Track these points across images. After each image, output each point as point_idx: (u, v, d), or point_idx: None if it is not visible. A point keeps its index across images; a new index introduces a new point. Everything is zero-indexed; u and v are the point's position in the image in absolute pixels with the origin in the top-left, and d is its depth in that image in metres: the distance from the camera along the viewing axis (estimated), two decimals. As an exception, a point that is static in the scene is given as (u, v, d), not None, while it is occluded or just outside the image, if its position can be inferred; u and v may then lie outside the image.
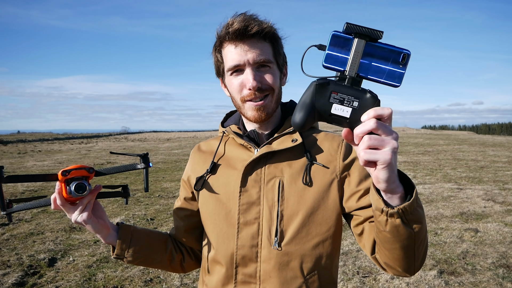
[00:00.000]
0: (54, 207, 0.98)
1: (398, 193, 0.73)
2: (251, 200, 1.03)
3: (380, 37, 0.67)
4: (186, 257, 1.20)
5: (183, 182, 1.20)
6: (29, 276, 3.77)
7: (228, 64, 1.03)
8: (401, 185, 0.74)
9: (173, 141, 32.49)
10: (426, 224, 0.83)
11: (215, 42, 1.07)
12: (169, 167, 12.52)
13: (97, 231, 1.04)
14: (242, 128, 1.13)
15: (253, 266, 1.01)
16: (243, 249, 1.01)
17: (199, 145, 1.22)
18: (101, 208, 1.06)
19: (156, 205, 6.75)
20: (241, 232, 1.02)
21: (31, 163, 14.22)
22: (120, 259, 1.10)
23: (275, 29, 1.04)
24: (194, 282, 3.65)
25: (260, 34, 1.00)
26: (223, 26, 1.01)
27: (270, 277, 0.99)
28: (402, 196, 0.74)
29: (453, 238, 4.85)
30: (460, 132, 61.39)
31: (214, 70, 1.13)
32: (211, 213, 1.08)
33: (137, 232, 1.12)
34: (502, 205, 6.56)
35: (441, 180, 9.27)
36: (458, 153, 16.69)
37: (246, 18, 0.99)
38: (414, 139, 28.17)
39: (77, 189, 0.95)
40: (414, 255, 0.84)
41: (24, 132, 67.16)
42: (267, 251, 1.00)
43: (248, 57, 0.99)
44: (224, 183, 1.07)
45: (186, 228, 1.18)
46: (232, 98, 1.09)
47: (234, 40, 1.00)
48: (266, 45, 1.02)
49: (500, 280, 3.62)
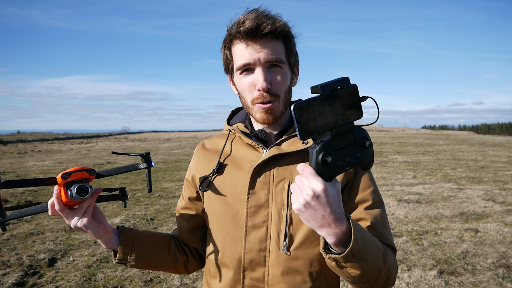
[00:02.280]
0: (52, 213, 0.93)
1: (332, 242, 0.77)
2: (259, 203, 1.00)
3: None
4: (190, 258, 1.17)
5: (187, 181, 1.16)
6: (29, 276, 3.77)
7: (238, 62, 0.99)
8: (334, 236, 0.75)
9: (173, 141, 32.48)
10: (375, 268, 0.84)
11: (224, 38, 1.03)
12: (169, 167, 12.52)
13: (97, 236, 0.99)
14: (249, 127, 1.10)
15: (261, 271, 0.99)
16: (251, 253, 0.99)
17: (203, 143, 1.18)
18: (101, 212, 1.02)
19: (156, 205, 6.74)
20: (249, 236, 1.00)
21: (31, 163, 14.21)
22: (122, 264, 1.06)
23: (289, 27, 1.00)
24: (194, 282, 3.65)
25: (273, 33, 0.95)
26: (234, 23, 0.97)
27: (278, 282, 0.97)
28: (343, 242, 0.77)
29: (453, 238, 4.85)
30: (460, 132, 61.37)
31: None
32: (217, 215, 1.05)
33: (139, 236, 1.08)
34: (502, 205, 6.55)
35: (441, 180, 9.27)
36: (458, 153, 16.68)
37: (258, 16, 0.94)
38: (414, 139, 28.17)
39: (79, 192, 0.90)
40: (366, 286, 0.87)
41: (24, 132, 67.11)
42: (276, 256, 0.98)
43: (260, 56, 0.95)
44: (231, 184, 1.04)
45: (190, 229, 1.15)
46: (240, 97, 1.06)
47: (245, 39, 0.96)
48: (278, 44, 0.98)
49: (500, 280, 3.62)
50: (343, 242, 0.76)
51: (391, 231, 1.08)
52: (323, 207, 0.72)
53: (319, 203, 0.71)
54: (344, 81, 0.70)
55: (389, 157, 15.19)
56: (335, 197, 0.73)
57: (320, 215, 0.73)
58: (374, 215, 0.98)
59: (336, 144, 0.71)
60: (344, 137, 0.71)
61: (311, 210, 0.73)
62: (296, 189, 0.74)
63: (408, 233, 5.06)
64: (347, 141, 0.72)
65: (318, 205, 0.72)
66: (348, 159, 0.72)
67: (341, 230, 0.75)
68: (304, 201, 0.72)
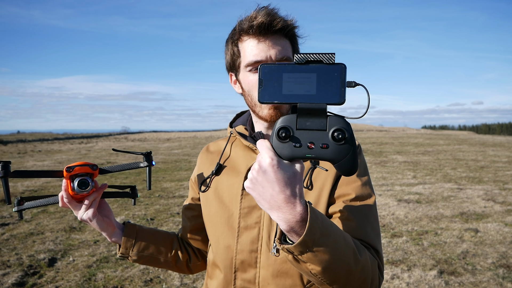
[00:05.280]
0: (62, 204, 1.00)
1: (284, 228, 0.68)
2: (252, 204, 1.00)
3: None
4: (193, 258, 1.19)
5: (191, 182, 1.19)
6: (29, 276, 3.77)
7: (248, 59, 0.97)
8: (286, 222, 0.66)
9: (173, 141, 32.48)
10: (341, 266, 0.73)
11: (232, 34, 1.02)
12: (169, 167, 12.52)
13: (102, 229, 1.05)
14: (249, 129, 1.10)
15: (252, 272, 0.98)
16: (242, 253, 0.99)
17: (208, 145, 1.20)
18: (108, 207, 1.08)
19: (156, 205, 6.74)
20: (241, 236, 1.00)
21: (31, 163, 14.21)
22: (125, 258, 1.11)
23: (297, 27, 1.01)
24: (194, 282, 3.65)
25: (283, 31, 0.96)
26: (246, 19, 0.97)
27: (268, 284, 0.96)
28: (297, 232, 0.68)
29: (453, 238, 4.85)
30: (460, 132, 61.38)
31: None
32: (213, 215, 1.06)
33: (142, 232, 1.12)
34: (502, 205, 6.55)
35: (441, 180, 9.27)
36: (458, 153, 16.68)
37: (270, 13, 0.95)
38: (414, 139, 28.16)
39: (80, 185, 0.96)
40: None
41: (24, 132, 67.13)
42: (266, 257, 0.96)
43: (271, 53, 0.95)
44: (228, 185, 1.05)
45: (192, 229, 1.18)
46: (245, 95, 1.04)
47: (257, 34, 0.96)
48: (287, 43, 0.99)
49: (500, 280, 3.62)
50: (297, 231, 0.67)
51: (380, 233, 0.98)
52: (271, 185, 0.64)
53: (266, 179, 0.64)
54: (327, 56, 0.61)
55: (389, 157, 15.18)
56: (290, 177, 0.65)
57: (268, 194, 0.65)
58: (353, 208, 0.93)
59: (300, 122, 0.63)
60: (314, 119, 0.62)
61: (259, 187, 0.66)
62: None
63: (408, 233, 5.06)
64: (316, 124, 0.62)
65: (266, 181, 0.64)
66: (311, 145, 0.62)
67: (294, 216, 0.66)
68: (251, 175, 0.66)
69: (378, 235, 0.94)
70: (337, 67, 0.61)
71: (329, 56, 0.62)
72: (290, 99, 0.62)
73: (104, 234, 1.07)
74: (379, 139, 28.95)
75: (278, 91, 0.62)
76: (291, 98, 0.62)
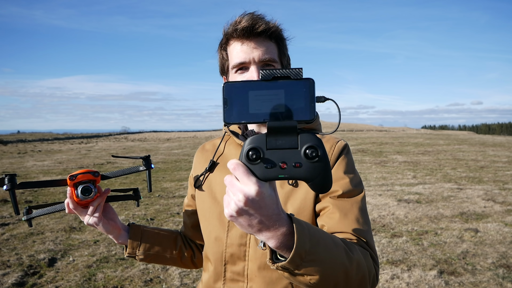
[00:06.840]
0: (68, 211, 1.05)
1: (274, 246, 0.66)
2: None
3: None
4: (196, 253, 1.25)
5: (189, 180, 1.24)
6: (29, 276, 3.77)
7: (234, 61, 1.03)
8: (275, 239, 0.65)
9: (173, 141, 32.48)
10: (337, 268, 0.72)
11: (221, 39, 1.08)
12: (169, 167, 12.52)
13: (108, 232, 1.11)
14: (242, 128, 1.14)
15: (241, 265, 1.03)
16: (232, 247, 1.03)
17: (204, 144, 1.25)
18: (113, 210, 1.13)
19: (156, 205, 6.75)
20: (230, 231, 1.04)
21: (31, 163, 14.21)
22: (132, 258, 1.17)
23: (281, 30, 1.06)
24: (194, 282, 3.65)
25: (266, 33, 1.01)
26: (231, 24, 1.04)
27: (255, 276, 1.00)
28: (287, 245, 0.66)
29: (453, 238, 4.85)
30: (460, 132, 61.34)
31: (217, 69, 1.14)
32: (206, 211, 1.11)
33: (146, 231, 1.18)
34: (502, 205, 6.56)
35: (441, 180, 9.27)
36: (458, 153, 16.69)
37: (253, 17, 1.01)
38: (414, 139, 28.17)
39: (83, 192, 1.01)
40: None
41: (24, 132, 67.12)
42: (254, 251, 1.01)
43: (254, 55, 1.01)
44: (220, 181, 1.09)
45: (193, 225, 1.23)
46: None
47: (241, 37, 1.02)
48: (272, 45, 1.04)
49: (500, 280, 3.62)
50: (287, 245, 0.66)
51: (371, 228, 0.96)
52: (259, 212, 0.61)
53: (254, 207, 0.61)
54: (295, 72, 0.59)
55: (389, 157, 15.19)
56: (272, 197, 0.62)
57: (256, 221, 0.63)
58: (340, 203, 0.94)
59: (270, 142, 0.59)
60: (284, 138, 0.59)
61: (246, 216, 0.62)
62: (227, 191, 0.63)
63: (408, 233, 5.06)
64: (287, 143, 0.59)
65: (253, 210, 0.61)
66: (284, 164, 0.59)
67: (282, 232, 0.64)
68: (236, 207, 0.61)
69: (368, 227, 0.95)
70: (305, 82, 0.59)
71: (296, 71, 0.59)
72: (258, 118, 0.60)
73: (111, 236, 1.13)
74: (379, 139, 28.95)
75: (245, 110, 0.60)
76: (259, 117, 0.60)
